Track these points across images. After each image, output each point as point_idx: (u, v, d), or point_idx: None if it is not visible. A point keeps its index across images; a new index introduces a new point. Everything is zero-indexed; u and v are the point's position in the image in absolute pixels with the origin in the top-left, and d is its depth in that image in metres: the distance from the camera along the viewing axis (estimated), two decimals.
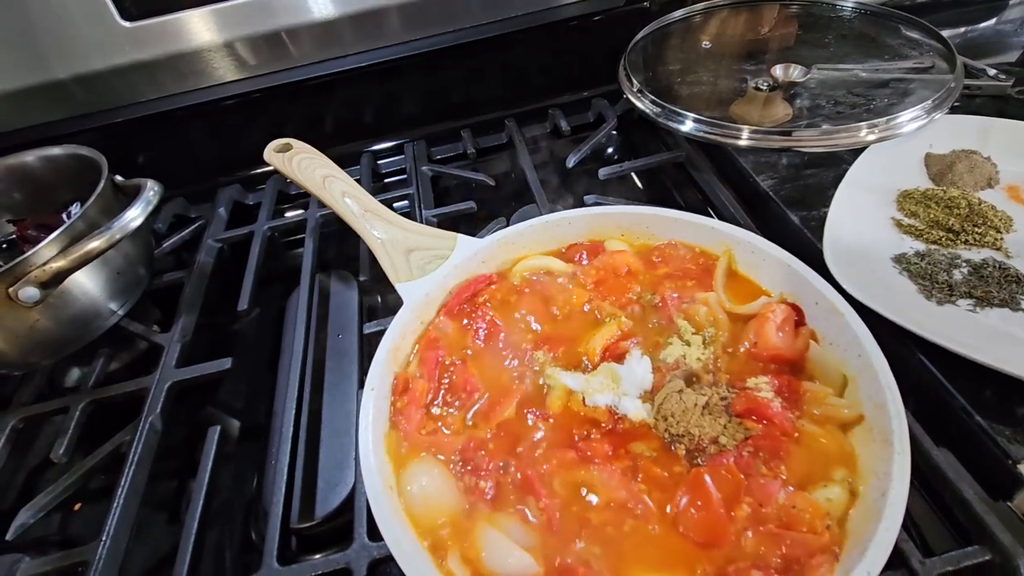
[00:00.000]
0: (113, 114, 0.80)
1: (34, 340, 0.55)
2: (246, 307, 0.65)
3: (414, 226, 0.56)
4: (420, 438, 0.41)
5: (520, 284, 0.52)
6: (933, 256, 0.53)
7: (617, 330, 0.45)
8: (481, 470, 0.38)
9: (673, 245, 0.52)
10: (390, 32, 0.83)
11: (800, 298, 0.45)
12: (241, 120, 0.86)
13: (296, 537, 0.49)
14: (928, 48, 0.72)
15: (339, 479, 0.50)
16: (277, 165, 0.62)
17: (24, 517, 0.48)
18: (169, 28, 0.75)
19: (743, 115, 0.69)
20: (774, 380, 0.40)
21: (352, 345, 0.62)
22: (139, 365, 0.65)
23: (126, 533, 0.47)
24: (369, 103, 0.90)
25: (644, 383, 0.41)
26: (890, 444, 0.34)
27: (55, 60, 0.73)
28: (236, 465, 0.56)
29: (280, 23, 0.79)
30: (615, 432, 0.40)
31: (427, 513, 0.37)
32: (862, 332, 0.40)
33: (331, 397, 0.57)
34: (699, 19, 0.85)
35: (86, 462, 0.51)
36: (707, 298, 0.47)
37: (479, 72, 0.90)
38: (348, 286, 0.69)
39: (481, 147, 0.85)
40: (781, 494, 0.34)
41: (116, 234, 0.54)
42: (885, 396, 0.36)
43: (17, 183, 0.68)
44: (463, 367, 0.45)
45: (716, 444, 0.38)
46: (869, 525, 0.32)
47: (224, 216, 0.78)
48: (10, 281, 0.50)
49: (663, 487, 0.36)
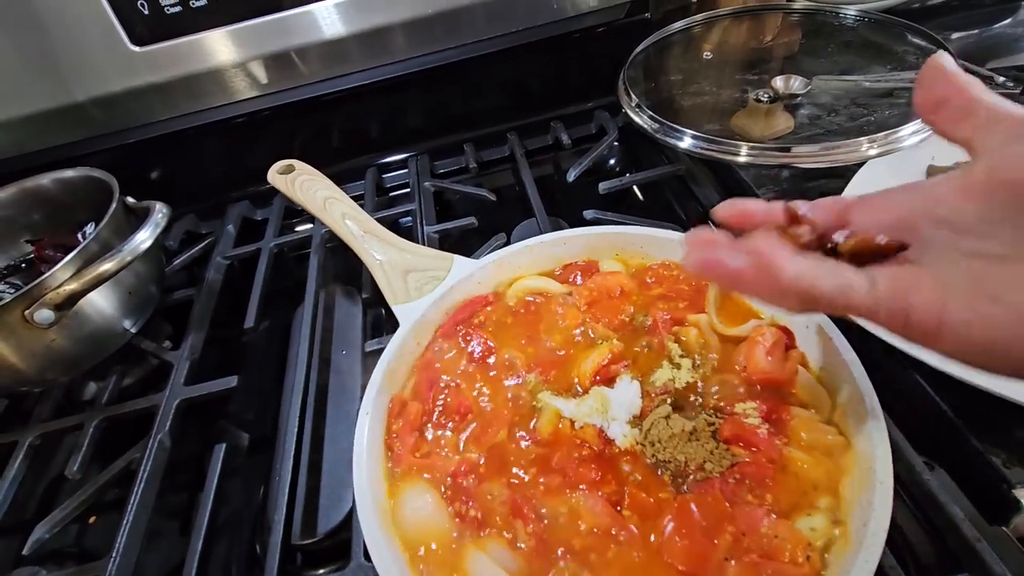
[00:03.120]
0: (126, 135, 0.83)
1: (51, 359, 0.58)
2: (253, 324, 0.66)
3: (412, 247, 0.57)
4: (414, 461, 0.42)
5: (515, 305, 0.52)
6: None
7: (608, 353, 0.46)
8: (471, 494, 0.39)
9: (667, 265, 0.53)
10: (395, 49, 0.84)
11: (791, 321, 0.45)
12: (251, 137, 0.88)
13: (299, 552, 0.50)
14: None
15: (341, 495, 0.52)
16: (280, 187, 0.63)
17: (40, 532, 0.50)
18: (179, 51, 0.77)
19: (744, 127, 0.69)
20: (762, 406, 0.40)
21: (356, 361, 0.63)
22: (151, 381, 0.67)
23: (136, 548, 0.49)
24: (375, 118, 0.92)
25: (632, 407, 0.42)
26: (873, 472, 0.34)
27: (71, 84, 0.76)
28: (244, 477, 0.58)
29: (290, 43, 0.80)
30: (603, 457, 0.40)
31: (418, 537, 0.38)
32: (850, 357, 0.40)
33: (334, 413, 0.59)
34: (699, 29, 0.84)
35: (99, 478, 0.53)
36: (698, 320, 0.47)
37: (482, 86, 0.91)
38: (352, 302, 0.71)
39: (483, 160, 0.86)
40: (765, 523, 0.34)
41: (126, 256, 0.56)
42: (870, 424, 0.36)
43: (35, 204, 0.71)
44: (457, 390, 0.46)
45: (702, 470, 0.38)
46: (850, 555, 0.32)
47: (233, 233, 0.80)
48: (26, 304, 0.53)
49: (648, 514, 0.37)
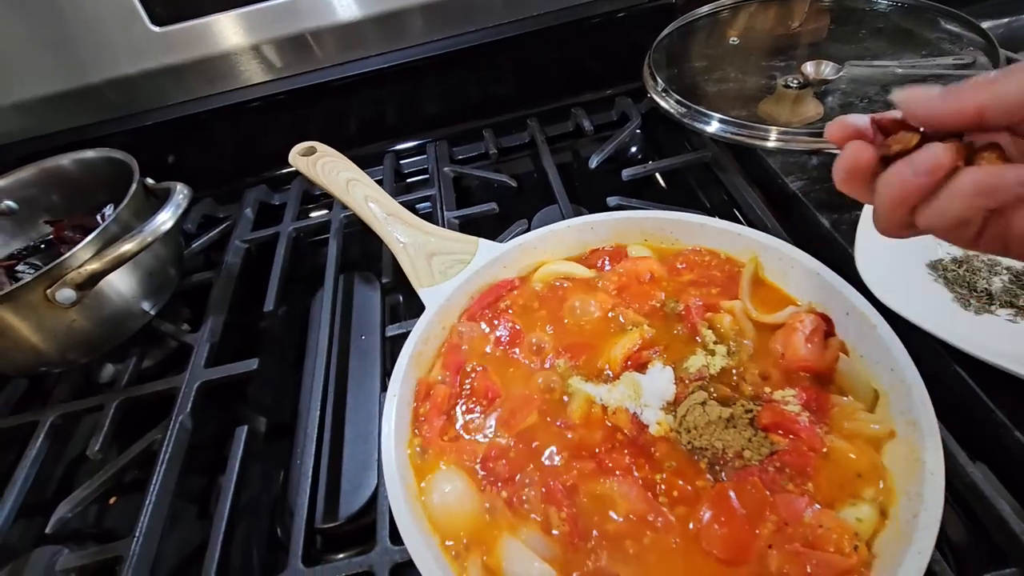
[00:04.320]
0: (144, 117, 0.82)
1: (71, 339, 0.57)
2: (272, 308, 0.66)
3: (436, 230, 0.56)
4: (442, 444, 0.42)
5: (542, 290, 0.51)
6: (971, 263, 0.51)
7: (639, 339, 0.45)
8: (502, 479, 0.39)
9: (698, 251, 0.51)
10: (412, 33, 0.83)
11: (830, 308, 0.44)
12: (266, 121, 0.87)
13: (320, 536, 0.50)
14: (968, 42, 0.69)
15: (362, 480, 0.51)
16: (301, 168, 0.62)
17: (63, 511, 0.50)
18: (197, 32, 0.76)
19: (771, 114, 0.67)
20: (801, 393, 0.39)
21: (375, 347, 0.62)
22: (170, 363, 0.67)
23: (158, 529, 0.48)
24: (391, 103, 0.91)
25: (666, 394, 0.41)
26: (922, 463, 0.33)
27: (89, 65, 0.75)
28: (263, 462, 0.57)
29: (305, 25, 0.80)
30: (636, 443, 0.39)
31: (448, 521, 0.37)
32: (895, 345, 0.39)
33: (354, 399, 0.58)
34: (726, 15, 0.82)
35: (120, 459, 0.53)
36: (732, 306, 0.46)
37: (501, 71, 0.90)
38: (371, 287, 0.70)
39: (503, 147, 0.84)
40: (808, 512, 0.33)
41: (147, 237, 0.55)
42: (918, 412, 0.35)
43: (54, 185, 0.70)
44: (484, 373, 0.46)
45: (740, 458, 0.37)
46: (899, 548, 0.31)
47: (251, 217, 0.79)
48: (48, 283, 0.52)
49: (685, 501, 0.36)
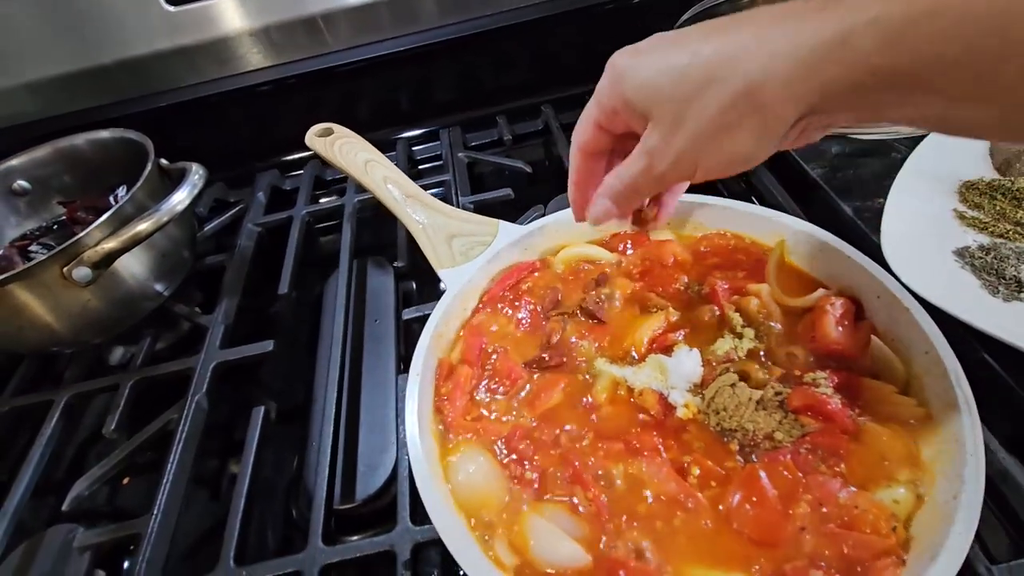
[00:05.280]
0: (155, 99, 0.82)
1: (86, 319, 0.57)
2: (286, 290, 0.65)
3: (455, 212, 0.56)
4: (465, 424, 0.41)
5: (564, 272, 0.51)
6: (1000, 250, 0.50)
7: (664, 321, 0.44)
8: (527, 459, 0.38)
9: (722, 235, 0.51)
10: (425, 17, 0.82)
11: (860, 291, 0.43)
12: (277, 105, 0.87)
13: (336, 518, 0.49)
14: None
15: (379, 462, 0.51)
16: (319, 150, 0.62)
17: (80, 488, 0.49)
18: (210, 13, 0.75)
19: None
20: (833, 376, 0.38)
21: (389, 331, 0.62)
22: (183, 345, 0.67)
23: (176, 508, 0.48)
24: (404, 89, 0.90)
25: (693, 376, 0.40)
26: (962, 445, 0.33)
27: (103, 46, 0.75)
28: (275, 445, 0.57)
29: (316, 8, 0.79)
30: (664, 424, 0.39)
31: (473, 501, 0.37)
32: (929, 327, 0.38)
33: (369, 382, 0.58)
34: (746, 1, 0.81)
35: (136, 438, 0.52)
36: (760, 290, 0.45)
37: (515, 57, 0.89)
38: (384, 272, 0.69)
39: (517, 133, 0.84)
40: (843, 493, 0.33)
41: (163, 216, 0.55)
42: (956, 395, 0.34)
43: (67, 166, 0.70)
44: (506, 355, 0.45)
45: (771, 440, 0.36)
46: (938, 529, 0.30)
47: (263, 201, 0.79)
48: (64, 261, 0.52)
49: (715, 482, 0.35)
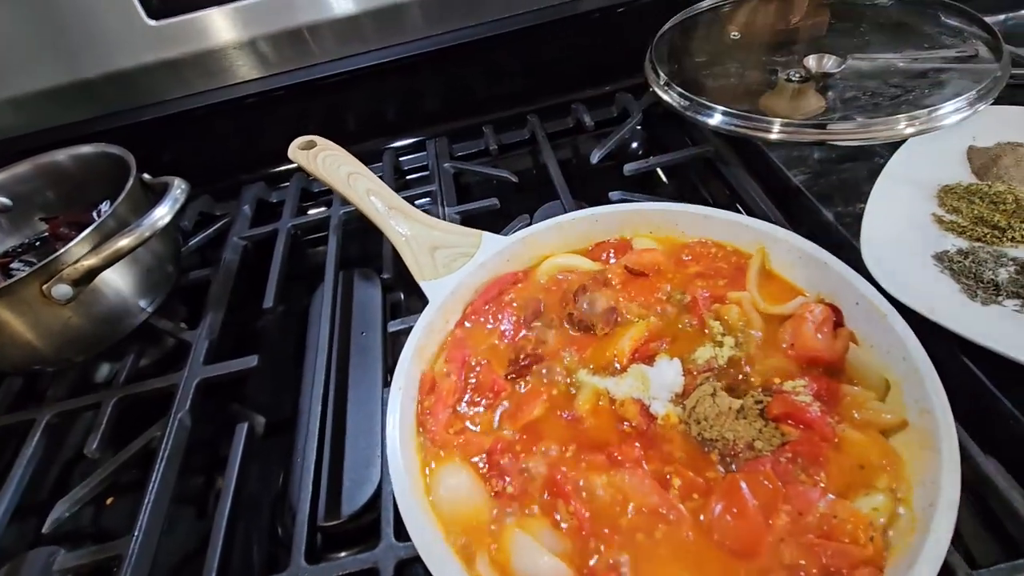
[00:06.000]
0: (140, 112, 0.81)
1: (67, 337, 0.56)
2: (271, 305, 0.65)
3: (439, 223, 0.56)
4: (448, 437, 0.41)
5: (547, 283, 0.51)
6: (977, 254, 0.51)
7: (646, 331, 0.44)
8: (509, 473, 0.38)
9: (704, 243, 0.51)
10: (411, 27, 0.82)
11: (839, 298, 0.44)
12: (264, 117, 0.86)
13: (322, 534, 0.49)
14: (971, 35, 0.69)
15: (365, 477, 0.50)
16: (301, 162, 0.61)
17: (60, 511, 0.49)
18: (194, 26, 0.75)
19: (774, 108, 0.67)
20: (812, 383, 0.38)
21: (376, 343, 0.61)
22: (167, 361, 0.66)
23: (157, 528, 0.47)
24: (390, 99, 0.90)
25: (674, 385, 0.40)
26: (938, 452, 0.33)
27: (85, 60, 0.74)
28: (262, 461, 0.56)
29: (302, 20, 0.79)
30: (646, 435, 0.39)
31: (455, 516, 0.37)
32: (906, 334, 0.38)
33: (356, 395, 0.57)
34: (728, 8, 0.82)
35: (118, 457, 0.52)
36: (740, 297, 0.45)
37: (500, 67, 0.89)
38: (371, 284, 0.69)
39: (503, 143, 0.84)
40: (821, 502, 0.33)
41: (145, 232, 0.54)
42: (932, 402, 0.35)
43: (49, 181, 0.69)
44: (489, 367, 0.45)
45: (751, 449, 0.36)
46: (915, 537, 0.31)
47: (248, 214, 0.79)
48: (44, 278, 0.51)
49: (696, 493, 0.35)
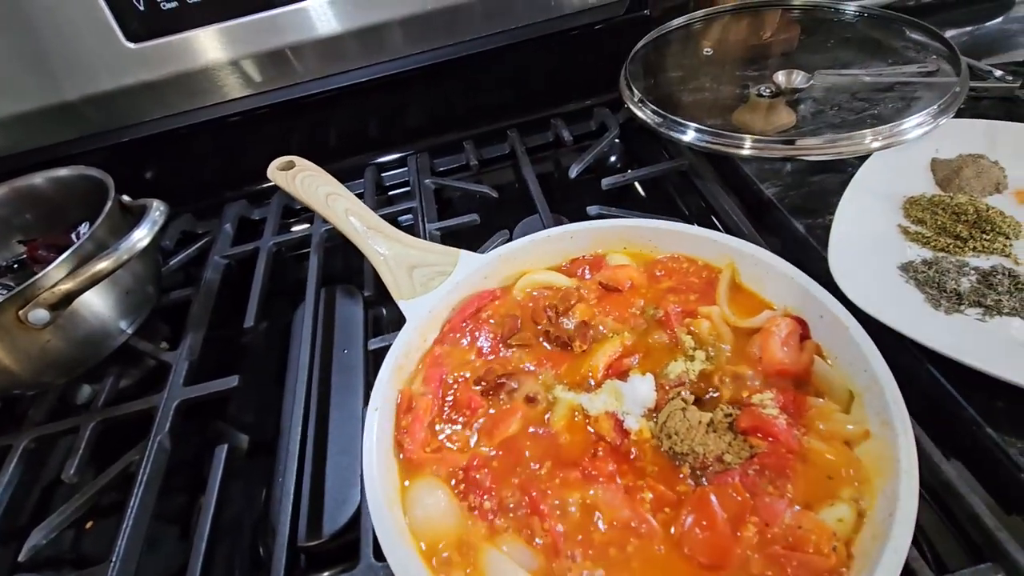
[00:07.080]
0: (121, 133, 0.81)
1: (46, 361, 0.56)
2: (252, 323, 0.65)
3: (417, 242, 0.56)
4: (425, 456, 0.41)
5: (523, 300, 0.52)
6: (941, 264, 0.52)
7: (620, 346, 0.45)
8: (485, 490, 0.38)
9: (676, 258, 0.52)
10: (392, 46, 0.83)
11: (805, 311, 0.45)
12: (246, 136, 0.87)
13: (303, 554, 0.49)
14: (932, 51, 0.71)
15: (346, 496, 0.51)
16: (280, 183, 0.62)
17: (36, 538, 0.48)
18: (174, 48, 0.76)
19: (746, 122, 0.69)
20: (779, 396, 0.39)
21: (358, 360, 0.62)
22: (148, 382, 0.66)
23: (136, 553, 0.47)
24: (372, 116, 0.91)
25: (647, 400, 0.41)
26: (896, 462, 0.34)
27: (65, 82, 0.74)
28: (245, 480, 0.56)
29: (284, 40, 0.79)
30: (619, 450, 0.39)
31: (431, 534, 0.37)
32: (867, 346, 0.40)
33: (338, 414, 0.58)
34: (700, 26, 0.84)
35: (97, 481, 0.52)
36: (710, 312, 0.46)
37: (481, 83, 0.90)
38: (353, 300, 0.70)
39: (484, 158, 0.85)
40: (787, 514, 0.34)
41: (123, 255, 0.54)
42: (891, 412, 0.36)
43: (27, 204, 0.69)
44: (466, 384, 0.45)
45: (721, 462, 0.37)
46: (877, 546, 0.31)
47: (230, 232, 0.79)
48: (20, 304, 0.51)
49: (668, 506, 0.36)
